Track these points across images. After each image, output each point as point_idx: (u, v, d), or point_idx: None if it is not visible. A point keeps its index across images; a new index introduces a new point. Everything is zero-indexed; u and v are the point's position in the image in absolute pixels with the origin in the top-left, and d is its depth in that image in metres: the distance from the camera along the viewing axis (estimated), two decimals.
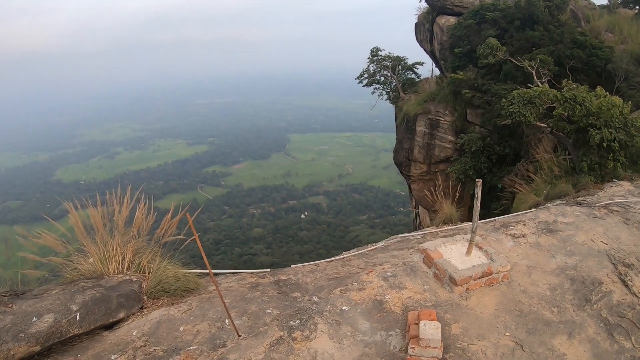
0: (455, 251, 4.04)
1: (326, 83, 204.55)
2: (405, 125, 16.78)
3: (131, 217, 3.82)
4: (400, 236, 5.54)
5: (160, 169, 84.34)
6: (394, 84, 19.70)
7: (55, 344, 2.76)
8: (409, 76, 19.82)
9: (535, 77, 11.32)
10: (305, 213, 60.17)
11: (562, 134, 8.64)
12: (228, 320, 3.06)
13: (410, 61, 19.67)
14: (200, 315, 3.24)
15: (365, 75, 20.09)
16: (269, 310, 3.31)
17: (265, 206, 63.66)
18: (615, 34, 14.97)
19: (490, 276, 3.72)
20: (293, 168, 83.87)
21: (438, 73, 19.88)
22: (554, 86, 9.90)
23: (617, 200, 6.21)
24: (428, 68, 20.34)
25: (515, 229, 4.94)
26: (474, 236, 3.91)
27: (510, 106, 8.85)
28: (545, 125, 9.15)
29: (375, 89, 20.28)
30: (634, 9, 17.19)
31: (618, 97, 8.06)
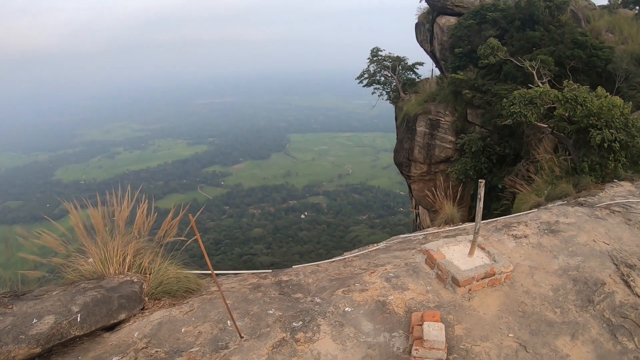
0: (457, 252, 4.02)
1: (326, 83, 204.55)
2: (406, 126, 16.77)
3: (132, 218, 3.80)
4: (402, 237, 5.52)
5: (160, 169, 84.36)
6: (394, 84, 19.68)
7: (56, 345, 2.74)
8: (409, 76, 19.79)
9: (536, 78, 11.31)
10: (305, 213, 60.22)
11: (563, 134, 8.63)
12: (230, 322, 3.04)
13: (410, 61, 19.69)
14: (202, 316, 3.21)
15: (366, 75, 20.07)
16: (271, 312, 3.29)
17: (265, 206, 63.72)
18: (616, 35, 14.97)
19: (493, 277, 3.70)
20: (293, 168, 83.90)
21: (438, 73, 19.86)
22: (554, 86, 9.89)
23: (619, 200, 6.19)
24: (428, 68, 20.36)
25: (517, 230, 4.93)
26: (476, 237, 3.89)
27: (511, 106, 8.84)
28: (546, 125, 9.14)
29: (375, 89, 20.25)
30: (634, 10, 17.20)
31: (619, 98, 8.06)
